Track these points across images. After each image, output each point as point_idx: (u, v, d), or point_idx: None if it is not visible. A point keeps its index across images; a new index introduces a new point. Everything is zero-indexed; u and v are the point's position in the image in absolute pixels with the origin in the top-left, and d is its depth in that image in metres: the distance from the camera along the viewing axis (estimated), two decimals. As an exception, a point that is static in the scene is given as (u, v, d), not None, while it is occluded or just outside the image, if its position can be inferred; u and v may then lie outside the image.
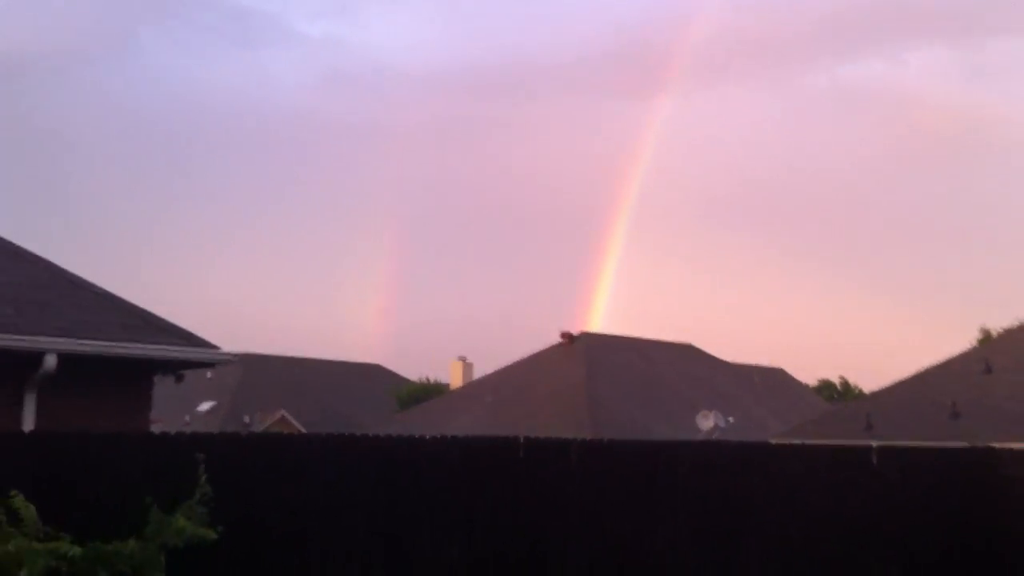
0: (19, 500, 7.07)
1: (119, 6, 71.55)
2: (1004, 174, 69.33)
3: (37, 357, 10.94)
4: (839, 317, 74.19)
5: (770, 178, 72.13)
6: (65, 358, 11.06)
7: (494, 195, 75.19)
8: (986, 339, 42.27)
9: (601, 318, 49.68)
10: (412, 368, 58.52)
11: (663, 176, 62.85)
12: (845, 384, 56.77)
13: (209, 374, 41.39)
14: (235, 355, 13.22)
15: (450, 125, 73.06)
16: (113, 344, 11.62)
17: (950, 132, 68.81)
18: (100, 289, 13.34)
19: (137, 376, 12.39)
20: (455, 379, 48.25)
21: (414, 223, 69.65)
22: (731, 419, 31.84)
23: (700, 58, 57.31)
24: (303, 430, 45.65)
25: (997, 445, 13.83)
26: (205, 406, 47.32)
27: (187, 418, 44.71)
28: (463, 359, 48.66)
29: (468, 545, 9.84)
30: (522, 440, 10.52)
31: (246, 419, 45.67)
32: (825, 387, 55.75)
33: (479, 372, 46.11)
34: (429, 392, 48.87)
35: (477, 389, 41.08)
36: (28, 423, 11.05)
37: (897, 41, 70.18)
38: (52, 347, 11.02)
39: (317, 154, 78.01)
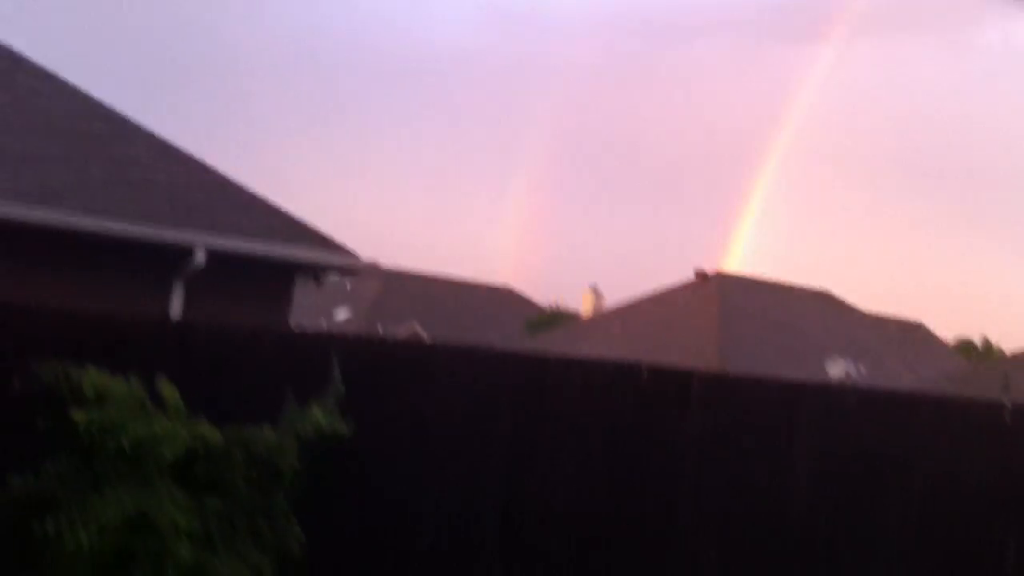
0: (165, 384, 7.45)
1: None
2: None
3: (187, 251, 11.46)
4: (986, 276, 71.49)
5: (929, 135, 69.47)
6: (213, 254, 11.55)
7: (643, 133, 74.42)
8: None
9: (738, 260, 48.99)
10: (543, 293, 58.88)
11: (817, 124, 61.13)
12: (987, 344, 54.87)
13: (348, 285, 42.59)
14: (375, 263, 13.60)
15: (606, 63, 72.41)
16: (260, 244, 12.09)
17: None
18: (248, 190, 13.81)
19: (280, 277, 12.86)
20: (586, 308, 48.41)
21: (561, 156, 69.60)
22: (863, 369, 31.22)
23: (867, 7, 55.12)
24: (433, 346, 46.55)
25: None
26: (342, 315, 48.71)
27: (324, 324, 46.12)
28: (595, 289, 48.74)
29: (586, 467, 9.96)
30: (645, 367, 10.55)
31: (380, 329, 46.85)
32: (965, 346, 54.00)
33: (611, 303, 46.15)
34: (558, 319, 49.19)
35: (607, 320, 41.16)
36: (176, 314, 11.61)
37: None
38: (202, 243, 11.53)
39: (469, 87, 78.41)
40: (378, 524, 8.83)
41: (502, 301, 56.38)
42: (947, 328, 52.42)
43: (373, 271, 14.04)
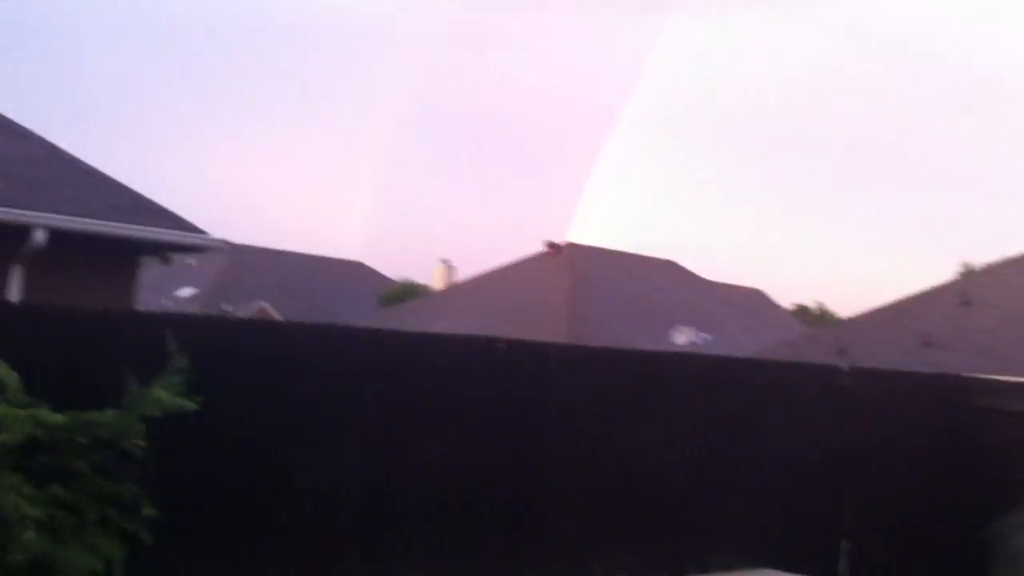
0: (2, 368, 7.14)
1: None
2: (1007, 116, 69.16)
3: (26, 231, 11.00)
4: (822, 243, 74.63)
5: (773, 103, 71.82)
6: (54, 234, 11.12)
7: (492, 103, 74.65)
8: (967, 273, 42.61)
9: (588, 230, 49.78)
10: (395, 268, 58.67)
11: (663, 93, 62.34)
12: (822, 309, 57.27)
13: (192, 261, 41.45)
14: (223, 241, 13.29)
15: (453, 31, 72.15)
16: (103, 223, 11.69)
17: (958, 70, 68.53)
18: (91, 168, 13.34)
19: (125, 256, 12.48)
20: (438, 282, 48.41)
21: (408, 126, 69.19)
22: (707, 336, 32.20)
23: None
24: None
25: (965, 374, 14.13)
26: (186, 292, 47.44)
27: (167, 303, 44.83)
28: (446, 262, 48.77)
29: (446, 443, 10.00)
30: (503, 341, 10.64)
31: (227, 308, 45.82)
32: (802, 311, 56.21)
33: (462, 276, 46.28)
34: (411, 293, 49.07)
35: (459, 293, 41.30)
36: (14, 296, 11.12)
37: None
38: (42, 222, 11.08)
39: (319, 52, 76.99)
40: (235, 504, 8.67)
41: (354, 276, 55.89)
42: (785, 295, 54.38)
43: (220, 248, 13.67)
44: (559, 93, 73.96)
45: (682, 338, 29.75)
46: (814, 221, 75.58)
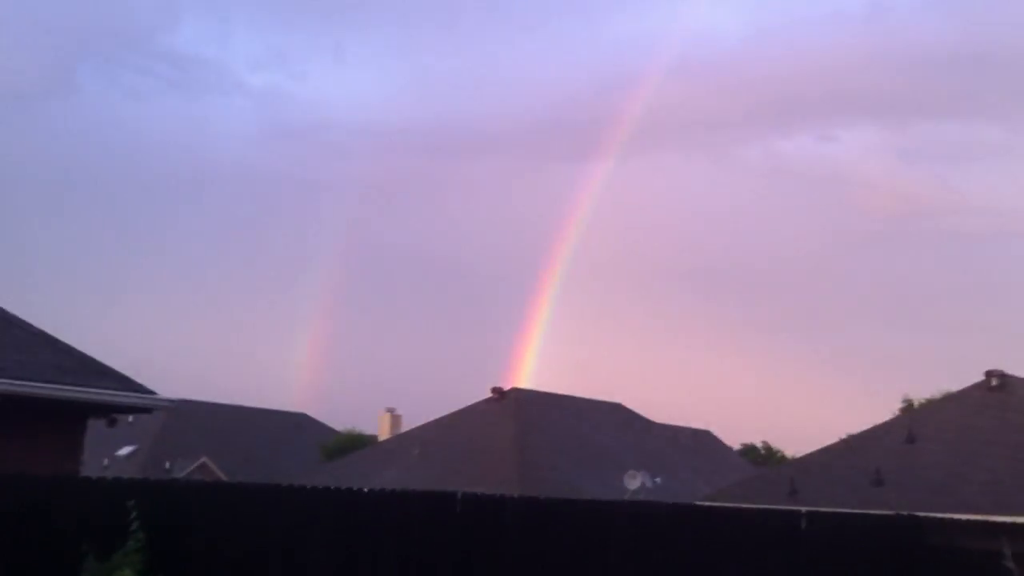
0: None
1: (59, 46, 70.91)
2: (934, 252, 71.38)
3: (-30, 396, 10.77)
4: (764, 383, 75.25)
5: (705, 245, 73.42)
6: (1, 399, 10.89)
7: (430, 251, 75.34)
8: (909, 408, 43.18)
9: (531, 375, 49.80)
10: (339, 418, 57.94)
11: (598, 238, 63.49)
12: (768, 448, 57.49)
13: (130, 418, 40.68)
14: (172, 400, 13.10)
15: (392, 181, 73.36)
16: (50, 386, 11.48)
17: (883, 210, 70.88)
18: (35, 329, 13.18)
19: (71, 418, 12.23)
20: (383, 431, 47.88)
21: (347, 275, 69.37)
22: (658, 479, 32.05)
23: (639, 126, 58.35)
24: (225, 479, 44.91)
25: (919, 514, 14.20)
26: (125, 450, 46.39)
27: (106, 462, 43.75)
28: (391, 411, 48.37)
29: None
30: (459, 496, 10.55)
31: (167, 465, 44.82)
32: (749, 450, 56.38)
33: (408, 425, 45.86)
34: (356, 443, 48.40)
35: (405, 442, 40.82)
36: (-41, 463, 10.81)
37: (828, 118, 72.18)
38: (-13, 386, 10.86)
39: (254, 204, 77.61)
40: None
41: (297, 427, 55.18)
42: (731, 435, 54.58)
43: (168, 407, 13.48)
44: (497, 239, 74.98)
45: (634, 483, 29.54)
46: (756, 361, 76.44)
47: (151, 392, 12.65)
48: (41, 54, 67.60)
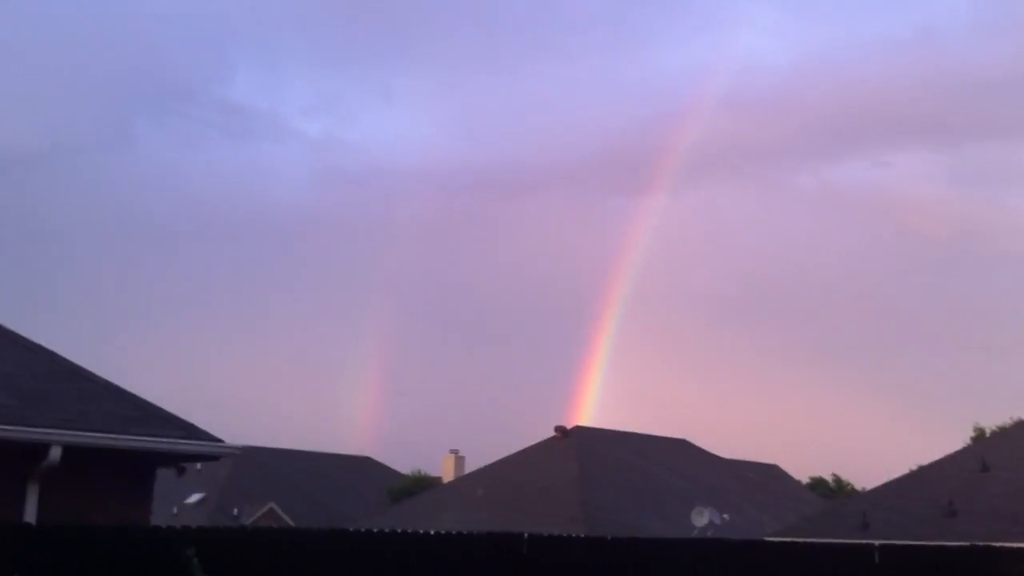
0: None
1: (115, 100, 72.66)
2: (994, 275, 70.08)
3: (42, 449, 10.92)
4: (831, 415, 74.12)
5: (761, 276, 72.77)
6: (68, 449, 11.04)
7: (488, 291, 75.53)
8: (980, 437, 42.29)
9: (594, 413, 49.57)
10: (403, 461, 58.04)
11: (655, 272, 63.37)
12: (838, 481, 56.47)
13: (199, 465, 41.10)
14: (238, 447, 13.20)
15: (445, 222, 73.85)
16: (117, 436, 11.61)
17: (938, 235, 69.86)
18: (101, 379, 13.36)
19: (139, 468, 12.36)
20: (447, 472, 47.87)
21: (407, 317, 69.76)
22: (726, 516, 31.61)
23: (690, 158, 58.27)
24: (292, 523, 45.13)
25: (995, 544, 13.86)
26: (194, 498, 46.80)
27: (175, 510, 44.19)
28: (455, 452, 48.36)
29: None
30: (526, 536, 10.50)
31: (235, 511, 45.15)
32: (818, 484, 55.44)
33: (471, 466, 45.81)
34: (420, 485, 48.45)
35: (469, 483, 40.76)
36: (31, 515, 10.98)
37: (879, 143, 71.53)
38: (56, 439, 11.00)
39: (311, 249, 78.45)
40: None
41: (362, 471, 55.37)
42: (799, 468, 53.77)
43: (234, 454, 13.59)
44: (554, 276, 74.97)
45: (701, 520, 29.16)
46: (821, 392, 75.34)
47: (217, 440, 12.75)
48: (99, 108, 69.27)
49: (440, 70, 77.89)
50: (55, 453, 10.92)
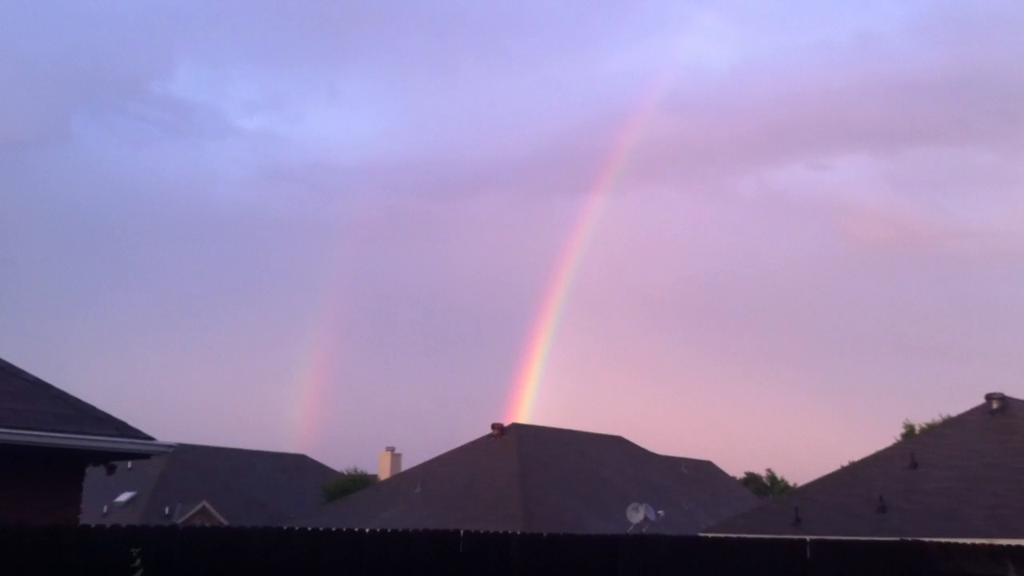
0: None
1: (54, 94, 71.28)
2: (929, 277, 71.53)
3: (-32, 446, 10.71)
4: (766, 413, 75.13)
5: (699, 277, 73.56)
6: (-2, 447, 10.84)
7: (428, 289, 75.42)
8: (910, 434, 43.11)
9: (532, 410, 49.73)
10: (339, 459, 57.82)
11: (596, 272, 63.75)
12: (772, 477, 57.29)
13: (129, 464, 40.48)
14: (171, 445, 13.02)
15: (386, 220, 73.57)
16: (46, 434, 11.41)
17: (877, 237, 71.09)
18: (31, 377, 13.11)
19: (70, 466, 12.14)
20: (384, 470, 47.66)
21: (346, 315, 69.36)
22: (661, 512, 31.87)
23: (633, 159, 58.68)
24: (225, 522, 44.63)
25: (926, 540, 14.12)
26: (124, 496, 46.09)
27: (106, 508, 43.49)
28: (391, 450, 48.16)
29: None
30: (462, 534, 10.46)
31: (167, 510, 44.54)
32: (752, 480, 56.17)
33: (408, 463, 45.68)
34: (356, 483, 48.19)
35: (406, 480, 40.64)
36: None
37: (820, 147, 72.65)
38: (-16, 436, 10.79)
39: (252, 246, 77.72)
40: None
41: (297, 469, 54.93)
42: (733, 464, 54.52)
43: (167, 453, 13.40)
44: (495, 275, 75.11)
45: (637, 516, 29.38)
46: (756, 390, 76.26)
47: (149, 438, 12.57)
48: (37, 102, 67.95)
49: (386, 70, 77.73)
50: (-17, 451, 10.71)
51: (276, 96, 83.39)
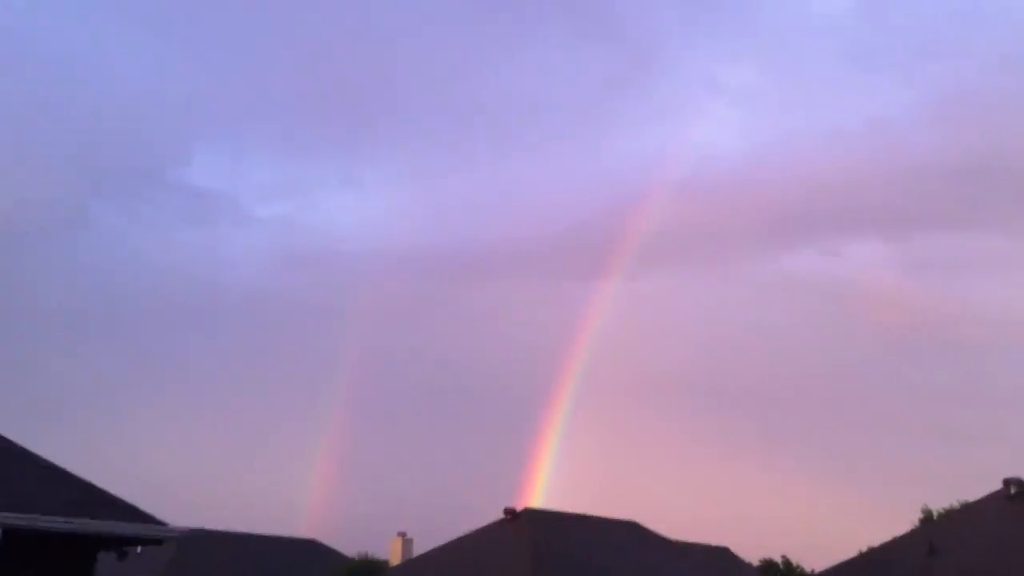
0: None
1: (73, 180, 72.43)
2: (943, 362, 71.27)
3: (-19, 531, 10.72)
4: (781, 498, 74.31)
5: (712, 360, 73.44)
6: (11, 531, 10.84)
7: (441, 374, 75.40)
8: (928, 519, 42.56)
9: (545, 495, 49.31)
10: (350, 544, 57.12)
11: (609, 356, 63.69)
12: (787, 564, 56.36)
13: (139, 549, 40.19)
14: (183, 530, 13.01)
15: (399, 305, 73.90)
16: (60, 519, 11.43)
17: (889, 322, 71.06)
18: (45, 461, 13.19)
19: (81, 551, 12.14)
20: (395, 556, 47.15)
21: (359, 399, 69.30)
22: (676, 600, 31.42)
23: (645, 243, 59.08)
24: (236, 609, 44.15)
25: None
26: (135, 583, 45.68)
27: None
28: (403, 535, 47.69)
29: None
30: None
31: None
32: (769, 567, 55.28)
33: (420, 548, 45.18)
34: (367, 569, 47.66)
35: (417, 566, 40.19)
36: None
37: (832, 233, 73.03)
38: (-2, 521, 10.81)
39: (266, 331, 78.08)
40: None
41: (307, 554, 54.36)
42: (749, 550, 53.68)
43: (178, 538, 13.41)
44: (509, 360, 75.10)
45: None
46: (772, 475, 75.58)
47: (161, 523, 12.57)
48: (60, 189, 69.02)
49: (402, 157, 78.86)
50: (-5, 535, 10.72)
51: (292, 183, 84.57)
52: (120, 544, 12.66)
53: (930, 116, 68.84)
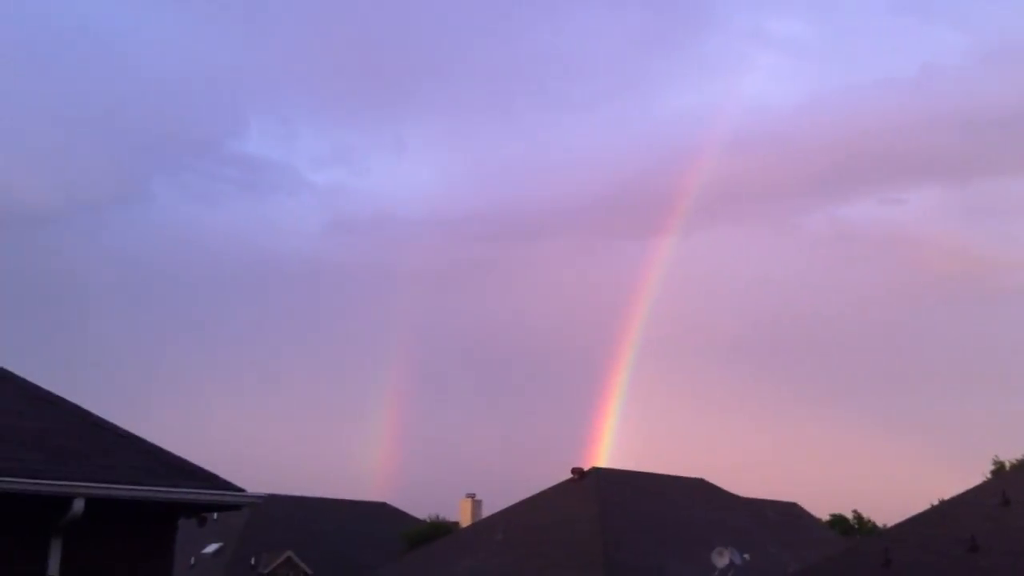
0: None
1: (130, 155, 73.42)
2: (1004, 310, 69.95)
3: (65, 502, 10.99)
4: (850, 452, 73.73)
5: (774, 315, 72.85)
6: (91, 502, 11.11)
7: (501, 335, 75.68)
8: (1000, 470, 42.02)
9: (611, 454, 49.45)
10: (420, 506, 57.87)
11: (669, 313, 63.46)
12: (858, 518, 56.05)
13: (215, 515, 41.05)
14: (260, 496, 13.25)
15: (455, 268, 74.26)
16: (139, 488, 11.68)
17: (950, 270, 69.86)
18: (123, 431, 13.44)
19: (161, 519, 12.41)
20: (464, 517, 47.72)
21: (421, 363, 69.88)
22: (747, 556, 31.39)
23: (700, 200, 58.56)
24: (310, 572, 45.01)
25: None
26: (211, 548, 46.73)
27: (193, 560, 44.13)
28: (472, 496, 48.21)
29: None
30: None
31: (252, 561, 45.04)
32: (839, 521, 55.01)
33: (488, 509, 45.65)
34: (437, 531, 48.28)
35: (487, 527, 40.62)
36: (54, 568, 11.05)
37: (888, 181, 71.77)
38: (80, 491, 11.08)
39: (322, 298, 78.86)
40: None
41: (378, 517, 55.18)
42: (818, 505, 53.48)
43: (257, 504, 13.66)
44: (567, 319, 75.10)
45: (722, 560, 28.95)
46: (839, 429, 74.94)
47: (239, 489, 12.79)
48: (116, 164, 70.00)
49: (450, 120, 78.82)
50: (78, 506, 10.98)
51: (345, 149, 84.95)
52: (199, 511, 12.92)
53: (984, 61, 67.15)
